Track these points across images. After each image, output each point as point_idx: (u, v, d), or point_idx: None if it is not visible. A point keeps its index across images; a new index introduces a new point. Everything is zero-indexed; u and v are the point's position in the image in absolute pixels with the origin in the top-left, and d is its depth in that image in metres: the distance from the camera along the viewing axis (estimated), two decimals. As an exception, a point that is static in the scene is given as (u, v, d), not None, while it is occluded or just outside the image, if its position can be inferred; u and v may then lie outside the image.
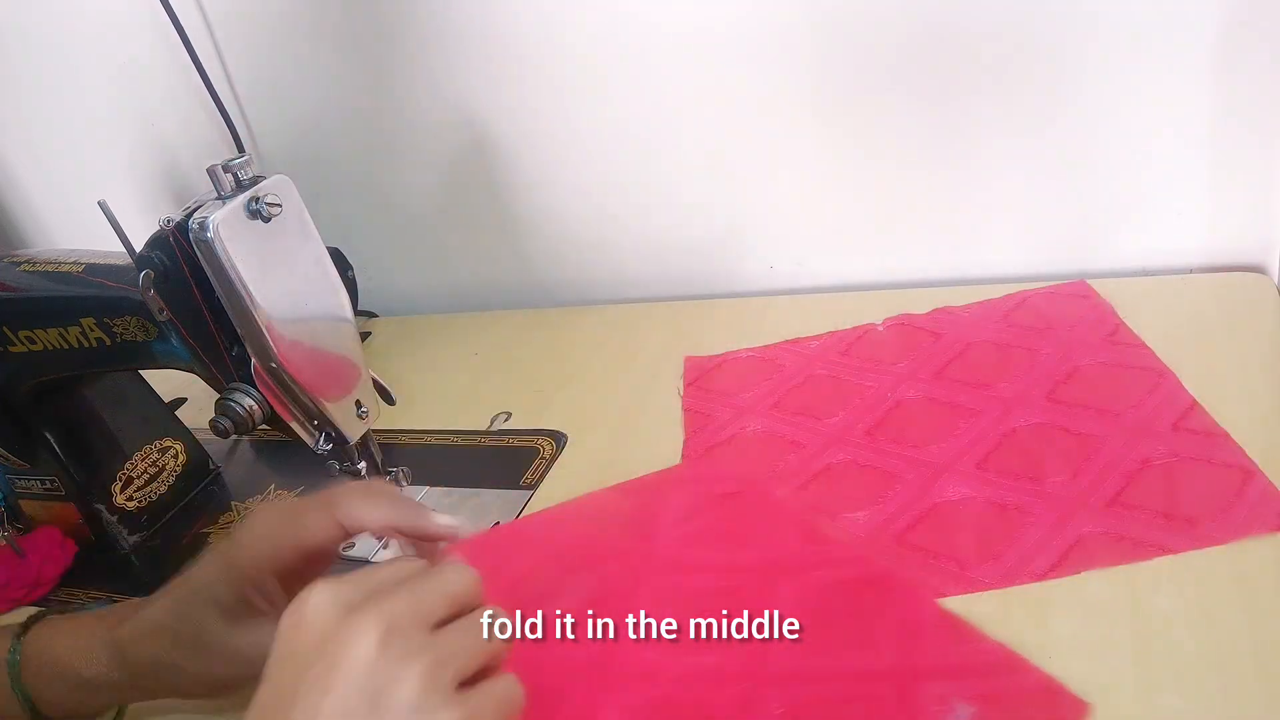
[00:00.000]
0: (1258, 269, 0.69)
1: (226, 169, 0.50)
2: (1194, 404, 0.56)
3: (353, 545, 0.62)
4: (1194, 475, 0.51)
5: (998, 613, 0.45)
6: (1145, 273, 0.72)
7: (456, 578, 0.37)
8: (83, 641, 0.47)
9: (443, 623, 0.36)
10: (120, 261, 0.56)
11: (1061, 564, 0.47)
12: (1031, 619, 0.44)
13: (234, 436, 0.57)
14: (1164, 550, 0.46)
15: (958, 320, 0.71)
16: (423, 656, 0.34)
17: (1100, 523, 0.49)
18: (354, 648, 0.33)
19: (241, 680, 0.43)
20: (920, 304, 0.73)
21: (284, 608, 0.38)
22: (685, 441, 0.64)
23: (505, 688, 0.35)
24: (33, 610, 0.52)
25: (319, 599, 0.35)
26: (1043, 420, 0.58)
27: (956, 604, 0.46)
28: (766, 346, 0.73)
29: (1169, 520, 0.48)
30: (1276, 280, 0.68)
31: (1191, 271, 0.71)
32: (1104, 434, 0.55)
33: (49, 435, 0.65)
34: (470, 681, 0.35)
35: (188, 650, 0.43)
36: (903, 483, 0.56)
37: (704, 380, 0.71)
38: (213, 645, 0.43)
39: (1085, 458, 0.54)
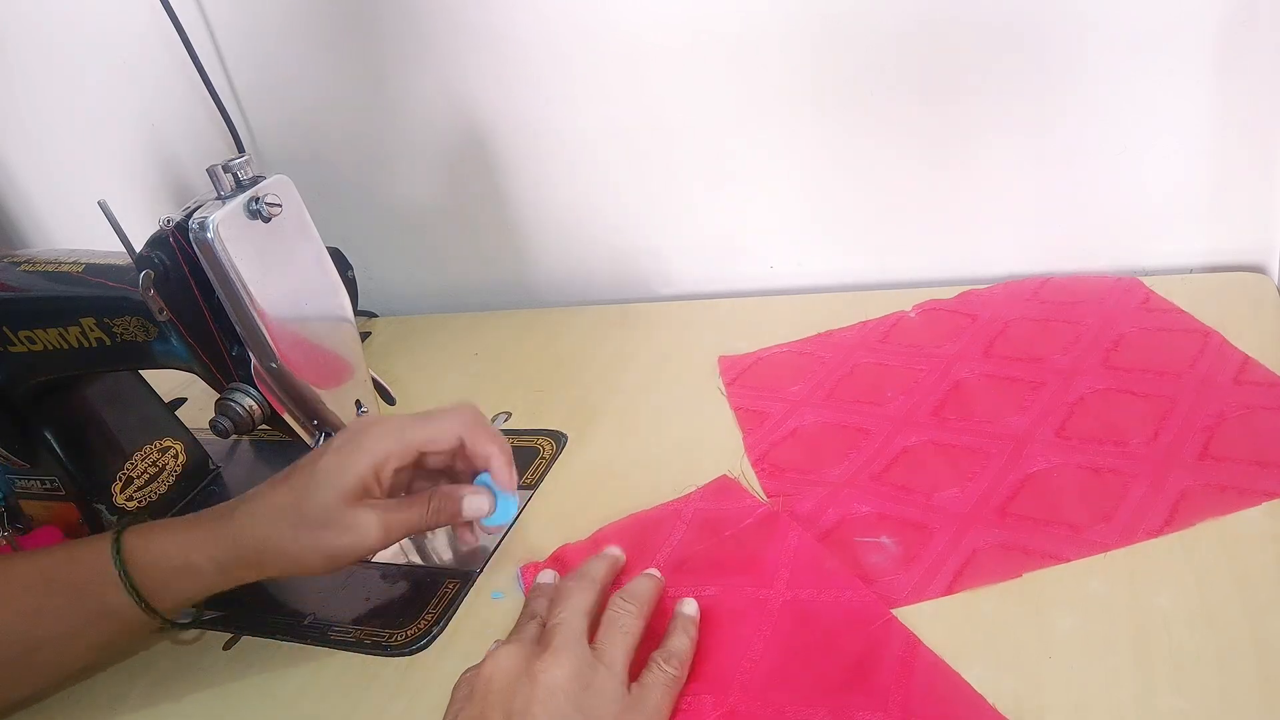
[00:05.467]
0: (1258, 269, 0.69)
1: (226, 169, 0.51)
2: (1247, 358, 0.57)
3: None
4: (1273, 424, 0.51)
5: (997, 612, 0.45)
6: (1145, 273, 0.72)
7: (591, 581, 0.48)
8: (183, 535, 0.50)
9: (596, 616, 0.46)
10: (120, 261, 0.56)
11: (1174, 518, 0.47)
12: (1031, 618, 0.44)
13: (234, 436, 0.57)
14: (1270, 495, 0.47)
15: (987, 301, 0.71)
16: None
17: (1197, 476, 0.49)
18: (548, 685, 0.40)
19: (346, 553, 0.50)
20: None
21: (387, 495, 0.51)
22: (744, 439, 0.62)
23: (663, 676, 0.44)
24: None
25: (506, 651, 0.43)
26: (1107, 386, 0.58)
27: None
28: (798, 341, 0.73)
29: (1264, 468, 0.49)
30: (1276, 280, 0.68)
31: (1191, 271, 0.71)
32: (1170, 394, 0.56)
33: (49, 435, 0.65)
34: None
35: (310, 526, 0.49)
36: (987, 457, 0.55)
37: (745, 379, 0.69)
38: (332, 520, 0.49)
39: (1160, 417, 0.54)
